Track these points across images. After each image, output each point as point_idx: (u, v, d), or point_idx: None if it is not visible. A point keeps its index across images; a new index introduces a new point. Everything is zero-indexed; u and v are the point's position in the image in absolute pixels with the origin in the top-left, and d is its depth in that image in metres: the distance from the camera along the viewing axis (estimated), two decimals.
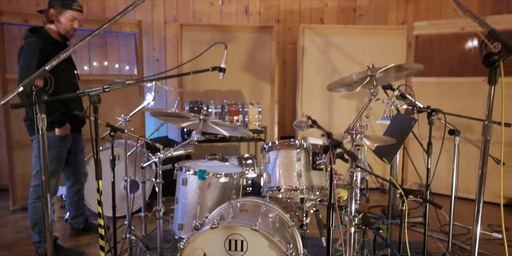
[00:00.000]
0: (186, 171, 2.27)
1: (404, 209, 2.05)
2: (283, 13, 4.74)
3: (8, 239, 2.98)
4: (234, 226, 1.71)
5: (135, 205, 3.33)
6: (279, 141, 1.98)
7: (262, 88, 4.45)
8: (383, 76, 1.97)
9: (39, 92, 1.75)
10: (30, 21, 3.53)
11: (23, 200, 3.58)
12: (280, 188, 1.96)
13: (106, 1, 4.29)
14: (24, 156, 3.57)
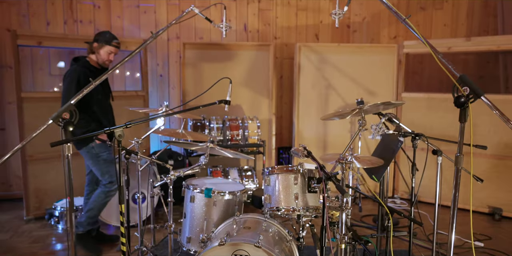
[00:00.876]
0: (194, 189, 2.51)
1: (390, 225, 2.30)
2: (280, 30, 4.99)
3: (26, 248, 3.20)
4: (239, 243, 1.94)
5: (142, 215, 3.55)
6: (279, 166, 2.21)
7: (261, 101, 4.69)
8: (371, 107, 2.21)
9: (66, 124, 1.99)
10: (43, 42, 3.75)
11: (36, 210, 3.80)
12: (280, 208, 2.20)
13: (113, 23, 4.51)
14: (37, 169, 3.80)
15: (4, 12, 4.22)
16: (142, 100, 4.32)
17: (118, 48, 3.14)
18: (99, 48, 3.07)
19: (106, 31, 3.14)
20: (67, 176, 2.03)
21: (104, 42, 3.06)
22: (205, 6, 4.69)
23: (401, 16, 1.95)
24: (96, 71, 3.09)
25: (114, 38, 3.10)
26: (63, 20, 4.37)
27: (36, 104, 3.74)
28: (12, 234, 3.48)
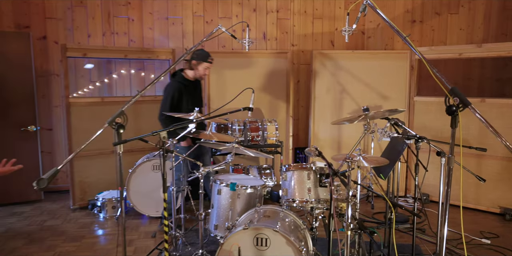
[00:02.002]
0: (220, 183, 2.91)
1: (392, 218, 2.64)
2: (297, 38, 5.35)
3: (75, 233, 3.71)
4: (260, 227, 2.33)
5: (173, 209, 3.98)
6: (294, 164, 2.59)
7: (279, 105, 5.06)
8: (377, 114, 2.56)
9: (119, 127, 2.42)
10: (87, 54, 4.24)
11: (81, 201, 4.32)
12: (295, 200, 2.57)
13: (144, 34, 4.97)
14: (81, 165, 4.30)
15: (52, 27, 4.74)
16: None
17: (212, 63, 3.66)
18: (198, 64, 3.59)
19: (201, 49, 3.65)
20: (119, 170, 2.47)
21: (201, 60, 3.57)
22: (228, 16, 5.12)
23: (402, 35, 2.29)
24: (189, 84, 3.67)
25: (209, 55, 3.62)
26: (102, 32, 4.86)
27: (81, 108, 4.24)
28: (63, 220, 4.00)
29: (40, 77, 4.76)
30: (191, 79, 3.70)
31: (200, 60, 3.58)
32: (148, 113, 4.53)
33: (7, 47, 4.31)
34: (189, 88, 3.67)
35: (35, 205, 4.48)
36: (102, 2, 4.83)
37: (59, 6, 4.75)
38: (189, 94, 3.66)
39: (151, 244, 3.40)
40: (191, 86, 3.71)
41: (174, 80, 3.66)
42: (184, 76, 3.67)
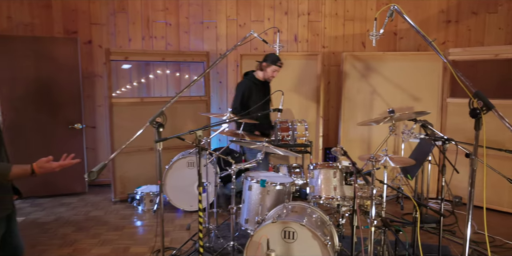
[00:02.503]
0: (251, 180, 3.08)
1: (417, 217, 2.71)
2: (328, 39, 5.44)
3: (116, 222, 4.02)
4: (288, 221, 2.48)
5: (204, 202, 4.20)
6: (321, 163, 2.72)
7: (309, 105, 5.18)
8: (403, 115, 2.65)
9: (159, 126, 2.64)
10: (129, 57, 4.54)
11: (121, 194, 4.64)
12: (321, 196, 2.71)
13: (181, 38, 5.24)
14: (121, 161, 4.60)
15: (97, 32, 5.10)
16: (205, 104, 4.99)
17: (281, 67, 3.99)
18: (267, 67, 3.94)
19: (272, 53, 3.95)
20: (159, 165, 2.69)
21: (271, 63, 3.92)
22: (260, 20, 5.29)
23: (428, 39, 2.38)
24: (259, 83, 4.04)
25: (278, 59, 3.92)
26: (141, 36, 5.17)
27: (122, 108, 4.55)
28: (105, 211, 4.32)
29: (85, 79, 5.12)
30: (261, 80, 4.04)
31: (270, 63, 3.92)
32: (183, 112, 4.78)
33: (57, 51, 4.69)
34: (260, 87, 4.03)
35: (80, 197, 4.85)
36: (142, 8, 5.14)
37: (103, 12, 5.09)
38: (259, 93, 4.00)
39: (186, 235, 3.63)
40: (261, 86, 4.05)
41: (246, 79, 4.03)
42: (256, 76, 4.02)
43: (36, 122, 4.67)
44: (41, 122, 4.68)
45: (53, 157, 2.08)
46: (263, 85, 4.10)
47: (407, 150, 4.83)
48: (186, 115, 4.85)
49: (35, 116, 4.66)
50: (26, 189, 4.75)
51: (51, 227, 3.86)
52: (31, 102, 4.64)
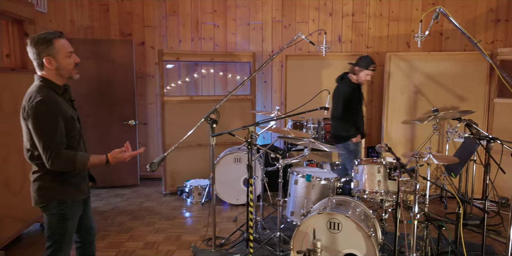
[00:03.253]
0: (297, 175, 3.24)
1: (460, 213, 2.76)
2: (372, 40, 5.48)
3: (168, 213, 4.31)
4: (334, 213, 2.62)
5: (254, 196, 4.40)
6: (366, 158, 2.83)
7: None
8: (447, 114, 2.71)
9: (213, 122, 2.86)
10: (180, 58, 4.83)
11: (171, 187, 4.94)
12: (365, 190, 2.82)
13: (228, 39, 5.48)
14: (171, 156, 4.86)
15: (150, 34, 5.44)
16: (251, 102, 5.20)
17: (374, 71, 3.98)
18: (359, 71, 3.94)
19: (366, 57, 3.98)
20: (211, 158, 2.91)
21: (364, 67, 3.92)
22: (305, 21, 5.43)
23: (473, 40, 2.44)
24: (355, 86, 4.04)
25: (372, 63, 3.93)
26: (191, 38, 5.45)
27: (173, 105, 4.85)
28: (157, 203, 4.63)
29: (138, 78, 5.48)
30: (356, 83, 4.06)
31: (362, 67, 3.91)
32: (229, 110, 5.01)
33: (114, 53, 5.06)
34: (356, 91, 4.05)
35: (132, 189, 5.20)
36: (192, 11, 5.42)
37: (155, 15, 5.43)
38: (356, 95, 4.05)
39: (233, 226, 3.84)
40: (357, 89, 4.08)
41: (345, 84, 4.03)
42: (351, 79, 4.04)
43: (95, 118, 5.06)
44: (99, 118, 5.07)
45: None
46: (358, 88, 4.11)
47: (451, 149, 4.79)
48: (233, 113, 5.07)
49: (94, 112, 5.05)
50: None
51: (109, 215, 4.20)
52: (91, 99, 5.03)
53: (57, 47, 2.04)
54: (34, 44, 2.02)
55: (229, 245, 3.43)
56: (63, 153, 2.04)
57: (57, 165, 2.02)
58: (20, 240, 3.49)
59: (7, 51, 3.61)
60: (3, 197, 3.17)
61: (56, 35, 2.05)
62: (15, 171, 3.32)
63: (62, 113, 2.03)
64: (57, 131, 2.00)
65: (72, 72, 2.13)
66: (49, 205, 2.11)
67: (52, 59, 2.04)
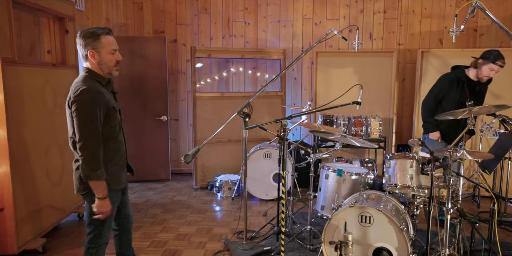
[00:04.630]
0: (328, 169, 3.26)
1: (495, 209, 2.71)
2: (404, 37, 5.42)
3: (199, 206, 4.41)
4: (365, 206, 2.63)
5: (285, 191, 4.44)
6: (398, 153, 2.83)
7: (383, 102, 5.20)
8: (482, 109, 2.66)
9: (246, 116, 2.91)
10: (212, 55, 4.93)
11: (201, 182, 5.05)
12: (397, 185, 2.81)
13: (258, 36, 5.54)
14: (203, 151, 4.99)
15: (182, 31, 5.58)
16: (281, 99, 5.24)
17: (502, 67, 3.42)
18: (483, 64, 3.43)
19: (495, 50, 3.46)
20: (244, 151, 2.97)
21: (491, 60, 3.39)
22: (335, 18, 5.42)
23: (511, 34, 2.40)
24: (466, 81, 3.53)
25: (500, 57, 3.39)
26: (222, 35, 5.55)
27: (204, 101, 4.95)
28: (188, 197, 4.75)
29: (170, 75, 5.63)
30: (470, 78, 3.54)
31: (489, 60, 3.40)
32: (260, 107, 5.08)
33: (147, 50, 5.21)
34: (464, 87, 3.51)
35: (164, 183, 5.35)
36: (224, 9, 5.52)
37: (188, 13, 5.55)
38: (460, 92, 3.52)
39: (263, 221, 3.89)
40: (467, 85, 3.51)
41: (452, 72, 3.62)
42: (465, 72, 3.55)
43: (129, 113, 5.23)
44: (132, 113, 5.24)
45: None
46: (470, 85, 3.52)
47: (485, 147, 4.68)
48: (263, 110, 5.13)
49: (128, 108, 5.22)
50: None
51: (143, 208, 4.35)
52: (125, 95, 5.21)
53: (103, 43, 2.14)
54: (82, 36, 2.13)
55: (259, 238, 3.49)
56: (97, 150, 2.11)
57: (84, 151, 2.07)
58: (59, 229, 3.67)
59: (48, 47, 3.79)
60: (44, 188, 3.33)
61: (104, 31, 2.15)
62: (55, 163, 3.49)
63: (104, 103, 2.12)
64: (95, 118, 2.07)
65: (112, 68, 2.23)
66: (90, 193, 2.19)
67: (95, 53, 2.14)
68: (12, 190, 2.90)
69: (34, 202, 3.19)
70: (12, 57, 2.96)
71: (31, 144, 3.17)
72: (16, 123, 2.97)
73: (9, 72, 2.89)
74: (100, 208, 2.16)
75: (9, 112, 2.87)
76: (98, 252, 2.31)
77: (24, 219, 3.06)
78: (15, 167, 2.95)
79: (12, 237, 2.93)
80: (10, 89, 2.90)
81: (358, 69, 5.19)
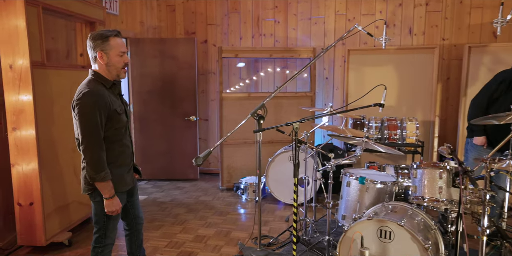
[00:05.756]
0: (350, 176, 3.02)
1: None
2: (449, 31, 4.96)
3: (222, 208, 4.33)
4: (384, 220, 2.37)
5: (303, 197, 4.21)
6: (426, 162, 2.53)
7: (423, 103, 4.80)
8: None
9: (260, 118, 2.75)
10: (239, 55, 4.82)
11: (227, 183, 4.97)
12: (424, 198, 2.51)
13: (288, 34, 5.34)
14: (229, 152, 4.91)
15: (212, 32, 5.52)
16: (310, 100, 5.00)
17: None
18: None
19: None
20: (258, 155, 2.81)
21: None
22: (371, 13, 5.09)
23: None
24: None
25: None
26: (251, 34, 5.42)
27: (231, 102, 4.85)
28: (213, 197, 4.68)
29: (200, 75, 5.59)
30: None
31: None
32: (288, 108, 4.89)
33: (177, 51, 5.21)
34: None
35: (192, 183, 5.32)
36: (253, 8, 5.38)
37: (218, 14, 5.48)
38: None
39: (284, 226, 3.71)
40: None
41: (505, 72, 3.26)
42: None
43: (159, 113, 5.26)
44: (162, 113, 5.26)
45: None
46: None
47: None
48: (291, 111, 4.94)
49: (158, 108, 5.26)
50: (150, 172, 5.38)
51: (167, 207, 4.33)
52: (156, 96, 5.25)
53: (111, 45, 2.15)
54: (92, 38, 2.15)
55: (277, 245, 3.32)
56: (99, 152, 2.10)
57: (86, 154, 2.09)
58: (87, 224, 3.74)
59: (81, 50, 3.88)
60: (72, 184, 3.43)
61: (113, 33, 2.16)
62: None
63: (106, 106, 2.11)
64: (96, 121, 2.07)
65: (120, 70, 2.22)
66: (94, 193, 2.22)
67: (104, 54, 2.15)
68: (40, 186, 3.03)
69: (61, 197, 3.32)
70: (41, 61, 3.07)
71: (59, 143, 3.28)
72: (44, 122, 3.09)
73: (38, 74, 3.02)
74: (109, 207, 2.19)
75: (38, 112, 3.00)
76: (104, 252, 2.32)
77: (51, 213, 3.18)
78: (44, 165, 3.07)
79: (40, 230, 3.07)
80: (39, 90, 3.02)
81: (394, 67, 4.83)
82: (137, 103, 5.25)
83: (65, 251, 3.21)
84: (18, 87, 2.91)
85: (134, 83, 5.22)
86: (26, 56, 2.89)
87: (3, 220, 3.27)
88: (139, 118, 5.27)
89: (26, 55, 2.89)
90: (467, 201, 2.25)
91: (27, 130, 2.96)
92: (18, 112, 2.95)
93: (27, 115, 2.94)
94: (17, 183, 3.05)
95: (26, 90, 2.91)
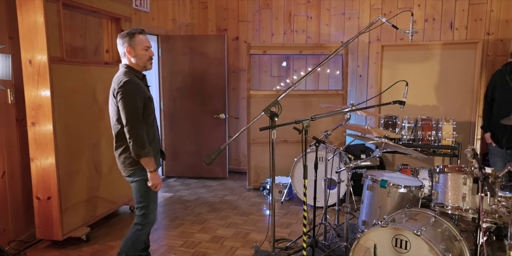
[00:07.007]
0: (371, 179, 2.84)
1: None
2: (495, 25, 4.56)
3: (245, 208, 4.27)
4: (400, 228, 2.20)
5: (332, 199, 4.06)
6: (450, 165, 2.31)
7: (463, 102, 4.46)
8: None
9: (273, 115, 2.66)
10: (267, 51, 4.73)
11: (255, 183, 4.91)
12: (447, 205, 2.30)
13: (321, 30, 5.17)
14: (256, 151, 4.85)
15: (243, 28, 5.48)
16: (341, 98, 4.82)
17: None
18: None
19: None
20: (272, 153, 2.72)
21: None
22: (408, 6, 4.80)
23: None
24: None
25: None
26: (283, 31, 5.31)
27: (259, 99, 4.79)
28: (238, 197, 4.64)
29: (231, 73, 5.56)
30: None
31: None
32: (317, 106, 4.73)
33: (208, 48, 5.21)
34: None
35: (220, 181, 5.32)
36: (285, 3, 5.27)
37: (249, 10, 5.42)
38: None
39: None
40: None
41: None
42: None
43: (188, 110, 5.31)
44: (192, 110, 5.30)
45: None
46: None
47: None
48: (320, 109, 4.77)
49: (187, 105, 5.30)
50: (179, 170, 5.44)
51: (191, 205, 4.35)
52: (186, 93, 5.29)
53: (137, 40, 2.47)
54: (121, 36, 2.49)
55: (294, 248, 3.21)
56: (142, 131, 2.37)
57: (132, 133, 2.34)
58: (109, 220, 3.83)
59: (106, 46, 3.97)
60: (93, 179, 3.50)
61: (138, 31, 2.50)
62: (104, 156, 3.64)
63: (142, 93, 2.42)
64: (137, 105, 2.36)
65: (146, 62, 2.52)
66: (135, 172, 2.47)
67: (131, 49, 2.47)
68: (57, 180, 3.09)
69: (80, 192, 3.37)
70: (60, 56, 3.14)
71: (79, 138, 3.34)
72: (63, 117, 3.15)
73: (56, 70, 3.07)
74: (153, 180, 2.44)
75: (56, 108, 3.05)
76: (143, 230, 2.53)
77: (69, 208, 3.24)
78: (62, 159, 3.13)
79: (57, 225, 3.13)
80: (58, 86, 3.08)
81: (432, 63, 4.52)
82: (166, 100, 5.32)
83: (82, 247, 3.27)
84: (37, 82, 3.00)
85: (164, 80, 5.30)
86: (44, 52, 2.96)
87: (25, 213, 3.36)
88: (168, 115, 5.35)
89: (44, 50, 2.95)
90: (492, 210, 2.02)
91: (45, 125, 3.02)
92: (37, 107, 3.02)
93: (45, 110, 3.00)
94: (36, 177, 3.13)
95: (45, 85, 2.98)
